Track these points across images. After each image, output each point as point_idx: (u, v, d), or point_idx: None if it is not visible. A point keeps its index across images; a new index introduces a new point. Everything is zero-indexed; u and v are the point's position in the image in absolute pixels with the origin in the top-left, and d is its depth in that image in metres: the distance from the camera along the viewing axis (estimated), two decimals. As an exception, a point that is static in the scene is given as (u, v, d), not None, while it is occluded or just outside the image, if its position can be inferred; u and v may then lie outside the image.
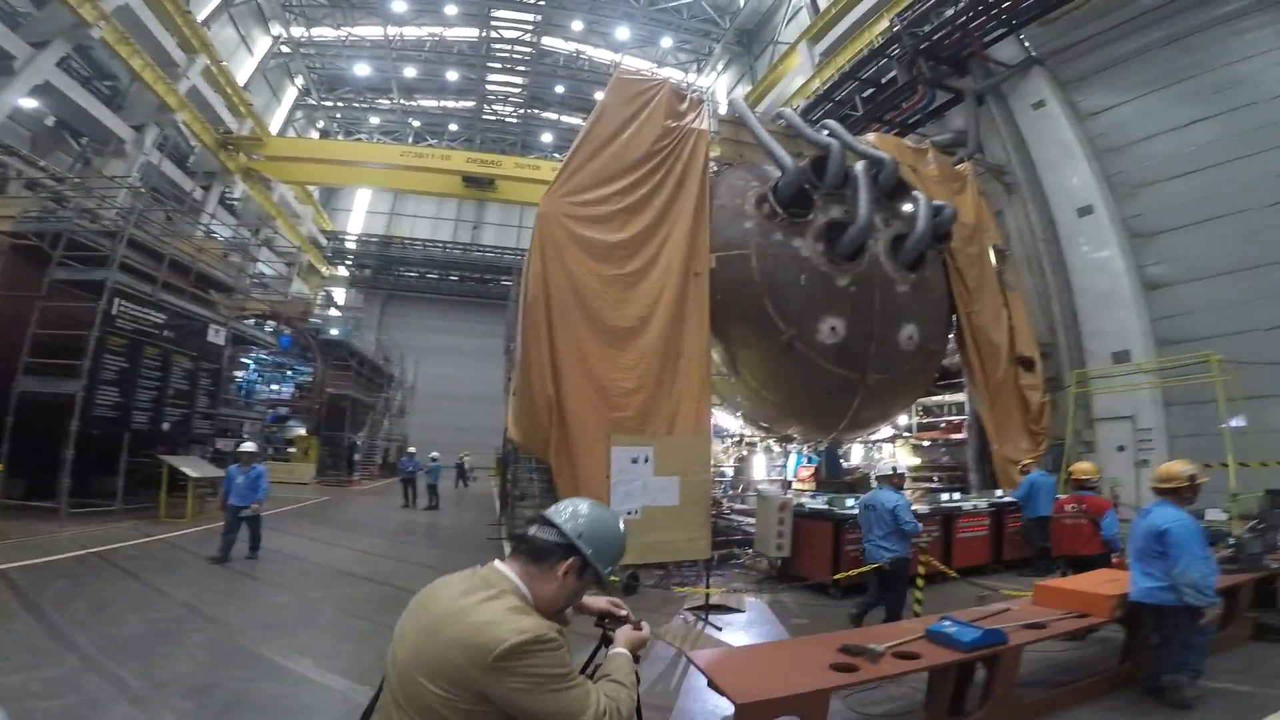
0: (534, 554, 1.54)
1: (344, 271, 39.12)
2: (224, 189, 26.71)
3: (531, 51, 33.85)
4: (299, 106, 36.72)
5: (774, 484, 13.11)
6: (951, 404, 12.91)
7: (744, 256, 8.43)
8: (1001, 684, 3.89)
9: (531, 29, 32.60)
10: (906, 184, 9.30)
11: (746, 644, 5.22)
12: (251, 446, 8.76)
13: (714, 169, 9.64)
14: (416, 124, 40.65)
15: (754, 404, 9.57)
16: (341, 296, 38.46)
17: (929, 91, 14.63)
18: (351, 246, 38.90)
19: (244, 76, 28.10)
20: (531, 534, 1.57)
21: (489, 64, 35.19)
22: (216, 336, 13.16)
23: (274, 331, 21.65)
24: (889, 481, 6.00)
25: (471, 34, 33.31)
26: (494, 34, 32.95)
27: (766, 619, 6.38)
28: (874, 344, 8.37)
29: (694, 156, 8.94)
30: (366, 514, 14.95)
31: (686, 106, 9.42)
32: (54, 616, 5.22)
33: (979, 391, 10.56)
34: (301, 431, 24.08)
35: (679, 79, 31.96)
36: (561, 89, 37.04)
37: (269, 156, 27.17)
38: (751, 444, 13.51)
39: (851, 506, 7.77)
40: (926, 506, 8.67)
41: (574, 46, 34.35)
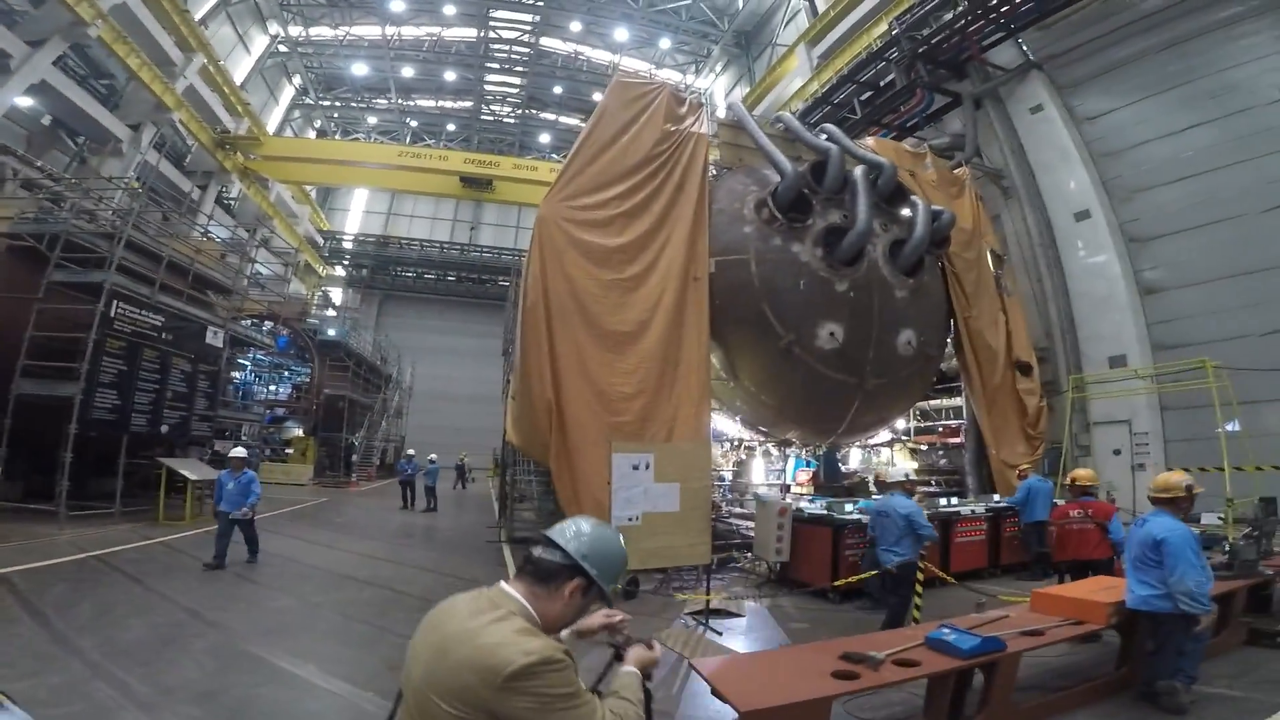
0: (540, 575, 1.58)
1: (341, 271, 39.06)
2: (221, 188, 26.67)
3: (530, 52, 33.82)
4: (296, 106, 36.63)
5: (772, 488, 13.15)
6: (949, 408, 12.98)
7: (743, 261, 8.47)
8: (1000, 689, 3.94)
9: (530, 29, 32.57)
10: (905, 189, 9.35)
11: (748, 651, 5.26)
12: (241, 452, 8.63)
13: (713, 173, 9.67)
14: (414, 124, 40.59)
15: (752, 408, 9.61)
16: (338, 296, 38.37)
17: (927, 95, 14.71)
18: (349, 246, 38.83)
19: (241, 76, 28.03)
20: (536, 555, 1.61)
21: (487, 64, 35.15)
22: (215, 338, 13.14)
23: (271, 332, 21.62)
24: (901, 488, 6.02)
25: (470, 34, 33.27)
26: (492, 34, 32.92)
27: (766, 623, 6.42)
28: (872, 349, 8.42)
29: (693, 161, 8.97)
30: (365, 516, 14.95)
31: (686, 110, 9.45)
32: (57, 622, 5.22)
33: (976, 396, 10.62)
34: (299, 432, 24.05)
35: (677, 80, 32.01)
36: (560, 90, 37.03)
37: (266, 156, 27.13)
38: (750, 448, 13.56)
39: (850, 512, 7.81)
40: (924, 511, 8.70)
41: (572, 47, 34.34)
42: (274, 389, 26.47)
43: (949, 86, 14.57)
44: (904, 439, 13.44)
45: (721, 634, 5.87)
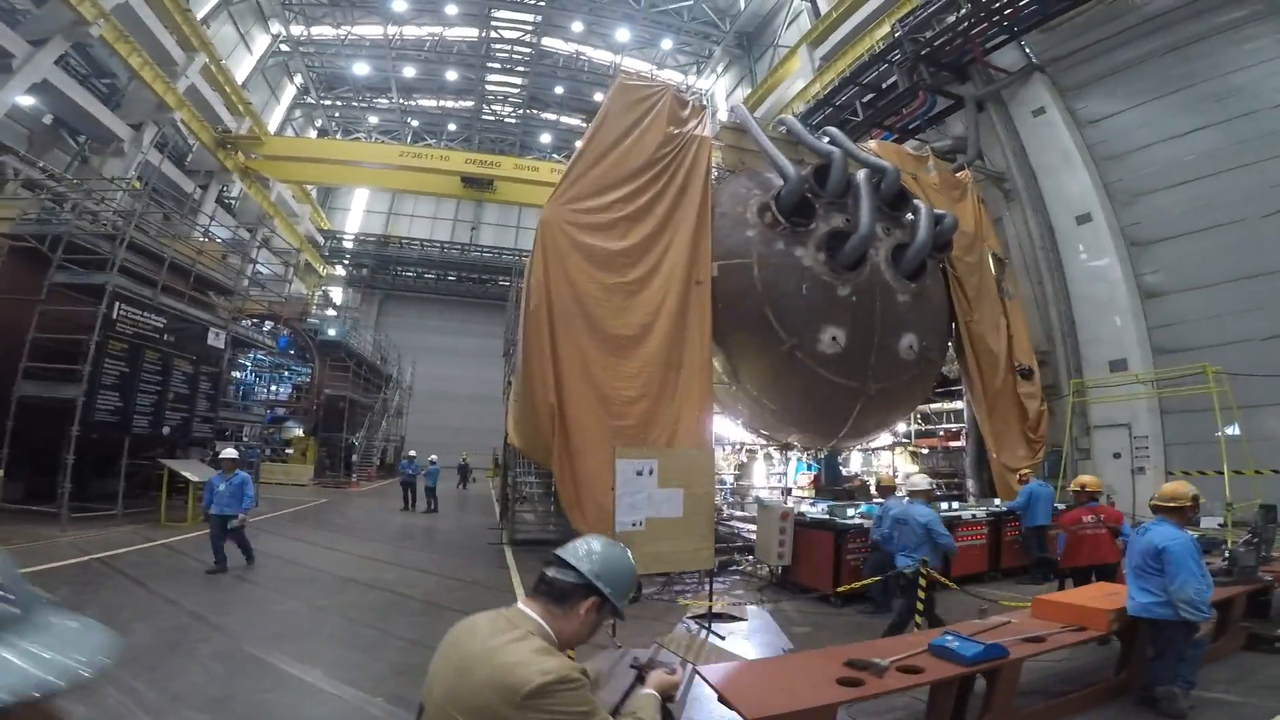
0: (555, 596, 1.62)
1: (341, 271, 39.07)
2: (222, 188, 26.66)
3: (531, 52, 33.81)
4: (297, 105, 36.63)
5: (774, 491, 13.19)
6: (950, 411, 13.00)
7: (746, 265, 8.49)
8: (1002, 695, 3.97)
9: (531, 29, 32.56)
10: (908, 193, 9.37)
11: (753, 658, 5.28)
12: (232, 453, 8.34)
13: (715, 175, 9.68)
14: (415, 124, 40.58)
15: (754, 412, 9.64)
16: (339, 296, 38.39)
17: (930, 97, 14.72)
18: (349, 246, 38.85)
19: (243, 75, 28.01)
20: (551, 576, 1.65)
21: (488, 64, 35.14)
22: (216, 340, 13.15)
23: (272, 332, 21.62)
24: (922, 496, 6.08)
25: (471, 34, 33.27)
26: (494, 34, 32.90)
27: (769, 627, 6.45)
28: (874, 353, 8.44)
29: (696, 164, 8.99)
30: (366, 517, 14.97)
31: (689, 113, 9.47)
32: (62, 625, 5.22)
33: (977, 400, 10.64)
34: (299, 432, 24.06)
35: (678, 81, 31.98)
36: (561, 90, 37.02)
37: (267, 155, 27.13)
38: (752, 451, 13.59)
39: (852, 516, 7.83)
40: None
41: (574, 47, 34.33)
42: (274, 389, 26.47)
43: (951, 89, 14.59)
44: (905, 442, 13.48)
45: (724, 638, 5.89)
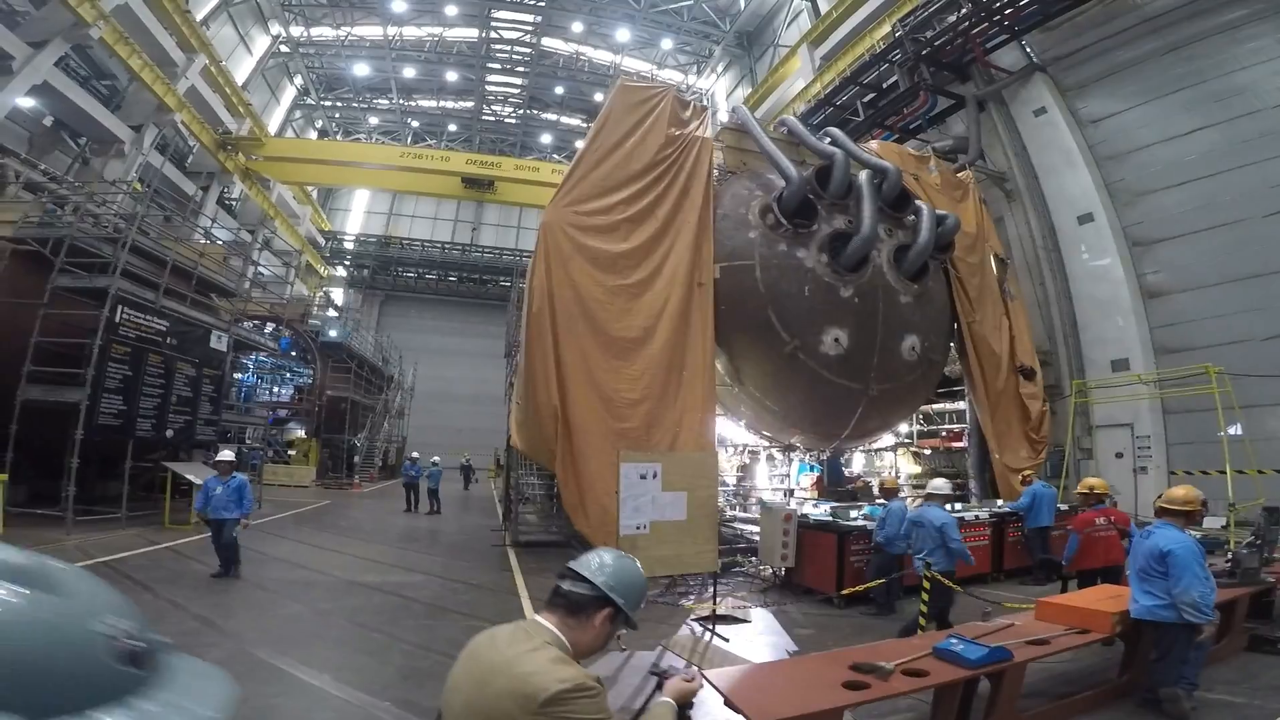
0: (571, 608, 1.66)
1: (342, 272, 39.10)
2: (223, 189, 26.67)
3: (531, 52, 33.80)
4: (298, 106, 36.64)
5: (777, 492, 13.21)
6: (952, 412, 13.02)
7: (748, 267, 8.49)
8: (1006, 698, 3.98)
9: (531, 30, 32.55)
10: (909, 194, 9.37)
11: (759, 661, 5.30)
12: (229, 455, 8.17)
13: (716, 176, 9.68)
14: (415, 124, 40.59)
15: (757, 413, 9.65)
16: (340, 297, 38.41)
17: (931, 97, 14.72)
18: (350, 247, 38.87)
19: (243, 76, 28.02)
20: (566, 589, 1.68)
21: (488, 65, 35.13)
22: (219, 342, 13.17)
23: (273, 334, 21.65)
24: (938, 500, 6.12)
25: (471, 34, 33.26)
26: (494, 34, 32.90)
27: (773, 629, 6.46)
28: (877, 355, 8.46)
29: (698, 165, 8.99)
30: (369, 519, 14.99)
31: (690, 114, 9.46)
32: (69, 630, 5.24)
33: (980, 400, 10.65)
34: (301, 434, 24.10)
35: (678, 81, 32.00)
36: (561, 90, 37.02)
37: (267, 157, 27.15)
38: (755, 453, 13.60)
39: (855, 518, 7.85)
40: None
41: (574, 48, 34.32)
42: (276, 391, 26.51)
43: (952, 89, 14.60)
44: (907, 443, 13.49)
45: (728, 640, 5.91)
